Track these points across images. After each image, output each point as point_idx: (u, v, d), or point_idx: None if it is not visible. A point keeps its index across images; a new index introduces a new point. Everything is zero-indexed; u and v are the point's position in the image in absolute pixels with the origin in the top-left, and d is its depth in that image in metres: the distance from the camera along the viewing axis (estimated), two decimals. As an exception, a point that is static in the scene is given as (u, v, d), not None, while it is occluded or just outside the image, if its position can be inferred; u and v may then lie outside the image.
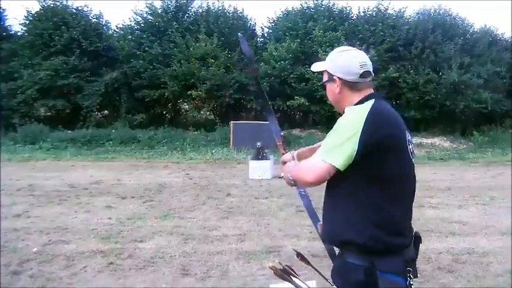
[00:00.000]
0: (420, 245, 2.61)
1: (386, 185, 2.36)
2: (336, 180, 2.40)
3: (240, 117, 23.33)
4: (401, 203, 2.46)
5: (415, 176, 2.60)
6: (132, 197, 10.29)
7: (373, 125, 2.29)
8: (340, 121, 2.36)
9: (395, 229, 2.41)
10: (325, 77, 2.61)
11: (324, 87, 2.66)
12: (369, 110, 2.33)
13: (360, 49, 2.62)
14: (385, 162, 2.32)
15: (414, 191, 2.61)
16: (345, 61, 2.52)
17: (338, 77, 2.51)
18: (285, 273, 2.33)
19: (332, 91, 2.57)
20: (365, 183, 2.34)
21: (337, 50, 2.62)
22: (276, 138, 3.25)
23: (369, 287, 2.32)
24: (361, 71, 2.47)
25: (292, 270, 2.36)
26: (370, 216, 2.33)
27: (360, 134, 2.25)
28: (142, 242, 7.05)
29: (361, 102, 2.46)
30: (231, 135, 19.29)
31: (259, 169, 12.86)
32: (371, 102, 2.41)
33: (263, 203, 9.91)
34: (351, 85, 2.50)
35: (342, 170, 2.29)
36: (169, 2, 23.84)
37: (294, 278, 2.33)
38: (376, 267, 2.30)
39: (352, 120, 2.32)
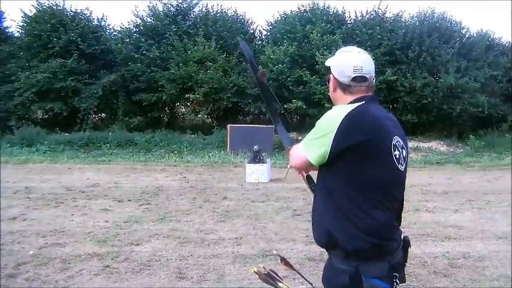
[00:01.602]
0: (409, 249, 2.62)
1: (368, 189, 2.37)
2: (321, 186, 2.48)
3: (238, 120, 23.31)
4: (386, 208, 2.44)
5: (402, 181, 2.58)
6: (129, 200, 10.29)
7: (347, 128, 2.34)
8: (323, 117, 2.47)
9: (380, 234, 2.41)
10: (329, 73, 2.68)
11: (327, 82, 2.73)
12: (348, 112, 2.38)
13: None
14: (364, 167, 2.35)
15: (401, 195, 2.60)
16: (341, 62, 2.57)
17: (334, 76, 2.58)
18: (269, 278, 2.34)
19: (330, 88, 2.67)
20: (347, 188, 2.36)
21: (342, 49, 2.69)
22: (285, 145, 3.33)
23: None
24: (353, 75, 2.49)
25: (277, 274, 2.38)
26: (354, 220, 2.35)
27: (333, 135, 2.34)
28: (139, 245, 7.07)
29: (351, 103, 2.49)
30: (228, 139, 19.27)
31: (256, 172, 12.85)
32: (357, 104, 2.45)
33: (260, 206, 9.92)
34: (343, 86, 2.55)
35: (315, 164, 2.49)
36: (170, 5, 23.83)
37: (278, 283, 2.34)
38: (360, 272, 2.31)
39: (331, 119, 2.41)
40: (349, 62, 2.52)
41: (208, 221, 8.62)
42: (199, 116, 24.09)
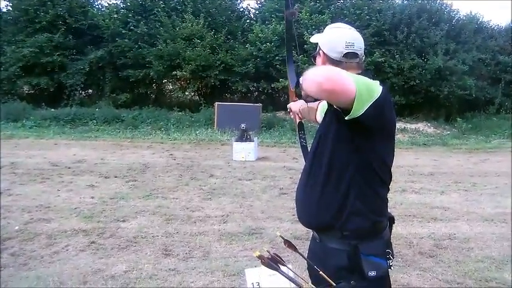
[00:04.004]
0: (395, 229, 2.62)
1: (382, 169, 2.36)
2: (326, 163, 2.35)
3: (225, 98, 23.29)
4: (387, 186, 2.45)
5: None
6: (115, 177, 10.27)
7: (388, 104, 2.24)
8: (359, 77, 2.14)
9: (381, 211, 2.43)
10: (317, 49, 2.56)
11: (314, 59, 2.61)
12: (380, 85, 2.21)
13: None
14: (384, 146, 2.32)
15: None
16: (332, 38, 2.49)
17: (323, 52, 2.48)
18: (272, 262, 2.31)
19: (317, 65, 2.51)
20: (364, 167, 2.29)
21: (331, 25, 2.60)
22: (291, 85, 3.15)
23: (351, 272, 2.30)
24: (345, 51, 2.42)
25: (280, 258, 2.34)
26: (362, 199, 2.31)
27: (373, 99, 2.09)
28: (125, 221, 7.06)
29: None
30: (216, 117, 19.24)
31: (243, 151, 12.85)
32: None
33: (246, 184, 9.93)
34: (334, 63, 2.42)
35: (355, 105, 2.02)
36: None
37: (281, 266, 2.31)
38: (360, 251, 2.28)
39: (372, 83, 2.17)
40: (341, 37, 2.45)
41: (195, 198, 8.62)
42: (186, 93, 24.03)
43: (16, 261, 5.37)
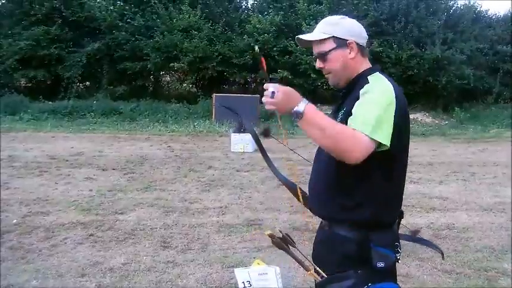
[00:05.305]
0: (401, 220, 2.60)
1: (401, 163, 2.35)
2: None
3: (223, 90, 23.28)
4: (402, 178, 2.43)
5: None
6: (113, 169, 10.25)
7: (403, 103, 2.25)
8: (373, 86, 2.22)
9: (394, 204, 2.42)
10: (330, 45, 2.36)
11: (322, 57, 2.39)
12: (394, 83, 2.26)
13: None
14: (403, 141, 2.28)
15: None
16: (354, 25, 2.42)
17: (353, 41, 2.35)
18: (283, 242, 2.29)
19: (344, 57, 2.35)
20: (384, 161, 2.21)
21: (334, 17, 2.44)
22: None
23: (358, 261, 2.26)
24: (367, 36, 2.43)
25: (291, 239, 2.32)
26: (382, 194, 2.28)
27: (395, 106, 2.15)
28: (123, 214, 7.05)
29: (373, 70, 2.37)
30: (214, 108, 19.22)
31: (241, 142, 12.82)
32: (381, 74, 2.34)
33: (245, 176, 9.93)
34: (362, 49, 2.39)
35: (388, 146, 2.07)
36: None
37: (290, 247, 2.30)
38: (370, 241, 2.25)
39: (386, 87, 2.22)
40: (357, 24, 2.43)
41: (193, 190, 8.61)
42: (184, 85, 24.00)
43: (14, 254, 5.35)
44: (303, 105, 2.03)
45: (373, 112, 2.06)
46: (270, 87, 2.08)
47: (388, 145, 2.06)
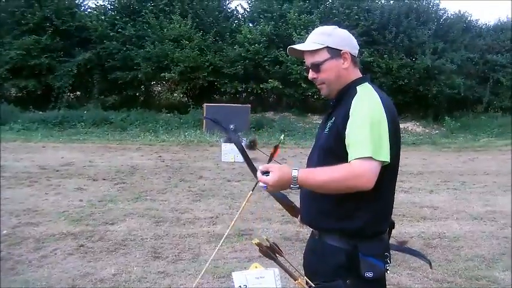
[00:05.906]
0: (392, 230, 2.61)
1: (393, 173, 2.37)
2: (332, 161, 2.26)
3: (214, 99, 23.25)
4: (392, 189, 2.46)
5: None
6: (104, 179, 10.21)
7: (393, 114, 2.30)
8: (359, 104, 2.25)
9: (385, 214, 2.43)
10: (324, 55, 2.38)
11: (316, 67, 2.41)
12: (379, 95, 2.30)
13: None
14: (395, 150, 2.27)
15: None
16: (347, 35, 2.46)
17: (348, 51, 2.39)
18: (270, 251, 2.29)
19: (337, 67, 2.37)
20: (386, 173, 2.23)
21: (326, 28, 2.46)
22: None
23: (348, 271, 2.27)
24: (358, 46, 2.48)
25: (279, 248, 2.32)
26: (372, 204, 2.29)
27: (386, 122, 2.20)
28: (114, 224, 7.03)
29: (363, 80, 2.42)
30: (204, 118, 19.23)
31: (232, 152, 12.79)
32: (370, 85, 2.38)
33: (235, 185, 9.93)
34: (354, 59, 2.43)
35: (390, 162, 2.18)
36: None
37: (278, 257, 2.30)
38: (359, 250, 2.26)
39: (374, 104, 2.25)
40: (349, 34, 2.47)
41: (184, 200, 8.60)
42: (175, 94, 24.04)
43: (3, 265, 5.32)
44: (295, 182, 2.21)
45: (367, 135, 2.14)
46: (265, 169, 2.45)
47: (389, 161, 2.17)
